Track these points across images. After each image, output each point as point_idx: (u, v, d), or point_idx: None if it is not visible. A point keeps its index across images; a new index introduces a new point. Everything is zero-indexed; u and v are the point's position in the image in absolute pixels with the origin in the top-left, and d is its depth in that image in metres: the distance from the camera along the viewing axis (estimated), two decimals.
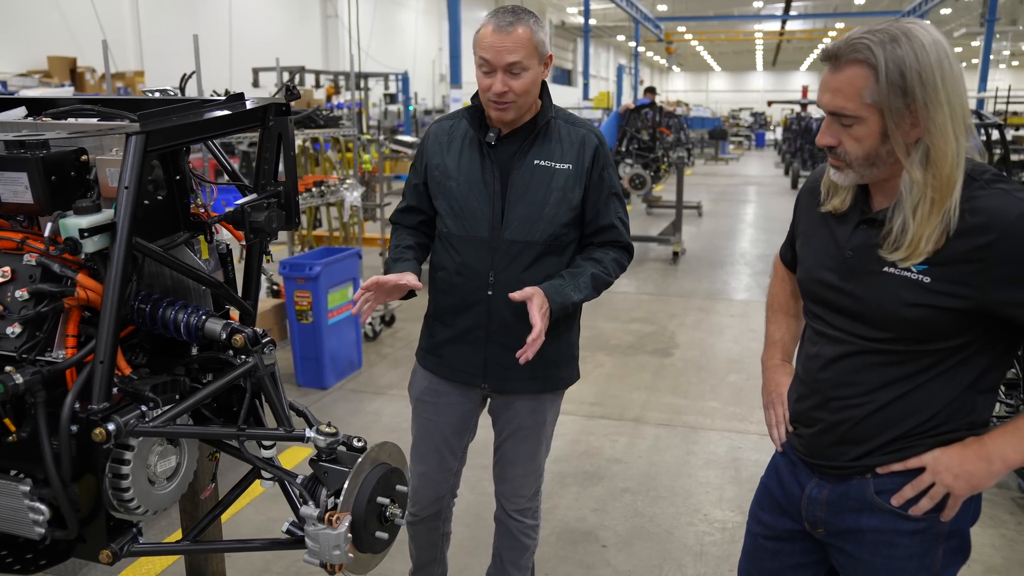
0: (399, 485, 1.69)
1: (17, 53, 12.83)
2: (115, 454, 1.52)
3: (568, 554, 3.08)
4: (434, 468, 2.26)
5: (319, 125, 5.40)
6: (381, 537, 1.63)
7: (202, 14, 16.80)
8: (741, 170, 21.70)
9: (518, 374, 2.10)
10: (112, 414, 1.45)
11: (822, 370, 1.55)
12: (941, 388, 1.44)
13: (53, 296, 1.49)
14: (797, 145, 18.36)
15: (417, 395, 2.24)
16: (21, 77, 12.51)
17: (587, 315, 6.36)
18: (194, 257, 1.71)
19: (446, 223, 2.09)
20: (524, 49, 1.93)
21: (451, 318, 2.11)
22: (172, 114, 1.59)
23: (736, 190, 16.56)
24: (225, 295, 1.75)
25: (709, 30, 36.63)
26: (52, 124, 1.71)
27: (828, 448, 1.55)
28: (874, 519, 1.50)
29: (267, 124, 1.73)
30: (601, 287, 2.09)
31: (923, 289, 1.38)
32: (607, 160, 2.09)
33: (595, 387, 4.97)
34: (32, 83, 12.28)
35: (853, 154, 1.42)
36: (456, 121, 2.12)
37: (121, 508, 1.56)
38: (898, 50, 1.33)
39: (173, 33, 15.96)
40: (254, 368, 1.63)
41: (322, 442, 1.64)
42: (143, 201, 1.57)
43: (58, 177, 1.56)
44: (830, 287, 1.53)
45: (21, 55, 12.82)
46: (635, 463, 3.89)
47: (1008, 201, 1.33)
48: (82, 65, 13.46)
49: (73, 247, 1.46)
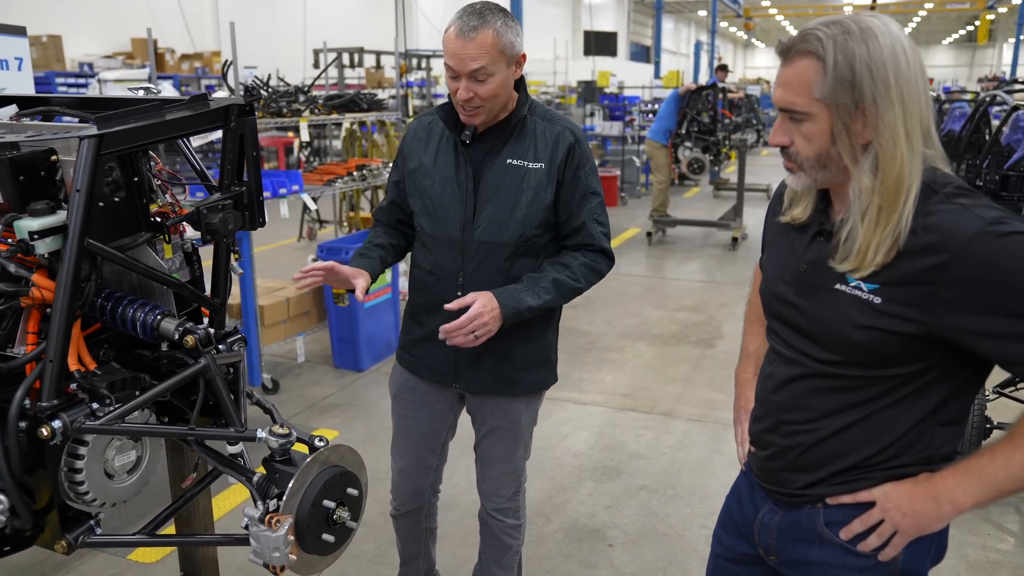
0: (350, 488, 1.68)
1: (104, 36, 13.37)
2: (70, 448, 1.57)
3: (572, 552, 3.05)
4: (412, 464, 2.26)
5: (362, 108, 5.44)
6: (327, 540, 1.63)
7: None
8: None
9: (488, 376, 2.07)
10: (60, 412, 1.49)
11: (775, 391, 1.47)
12: (895, 418, 1.34)
13: (8, 295, 1.53)
14: None
15: (395, 392, 2.24)
16: (106, 59, 13.07)
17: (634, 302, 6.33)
18: (155, 257, 1.74)
19: (420, 221, 2.07)
20: (488, 55, 1.86)
21: (424, 317, 2.10)
22: (130, 116, 1.61)
23: None
24: (188, 293, 1.78)
25: (795, 4, 35.24)
26: (25, 125, 1.76)
27: (779, 473, 1.47)
28: (823, 552, 1.42)
29: (229, 124, 1.74)
30: (567, 293, 2.01)
31: (873, 310, 1.28)
32: (583, 158, 2.01)
33: (630, 378, 4.90)
34: (116, 64, 12.81)
35: (804, 154, 1.33)
36: (435, 118, 2.09)
37: (78, 500, 1.61)
38: (850, 43, 1.24)
39: (249, 15, 16.37)
40: (205, 368, 1.64)
41: (273, 443, 1.65)
42: (97, 203, 1.60)
43: (26, 177, 1.60)
44: (785, 302, 1.44)
45: (107, 38, 13.36)
46: (658, 460, 3.82)
47: (965, 219, 1.22)
48: (163, 47, 13.93)
49: (24, 248, 1.50)
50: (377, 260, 2.07)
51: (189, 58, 14.22)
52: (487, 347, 2.00)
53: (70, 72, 12.28)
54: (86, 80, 11.71)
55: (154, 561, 2.92)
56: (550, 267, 2.03)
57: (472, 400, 2.18)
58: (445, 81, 1.97)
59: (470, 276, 2.01)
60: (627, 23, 35.04)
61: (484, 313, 1.89)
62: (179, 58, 14.16)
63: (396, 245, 2.17)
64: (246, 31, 16.61)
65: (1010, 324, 1.19)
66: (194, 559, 2.32)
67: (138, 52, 13.61)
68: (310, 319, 5.04)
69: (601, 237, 2.06)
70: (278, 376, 4.80)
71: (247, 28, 16.15)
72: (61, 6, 12.87)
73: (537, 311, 1.99)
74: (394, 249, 2.16)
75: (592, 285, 2.07)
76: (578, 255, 2.05)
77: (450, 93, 1.96)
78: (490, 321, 1.90)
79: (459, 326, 1.88)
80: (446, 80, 1.94)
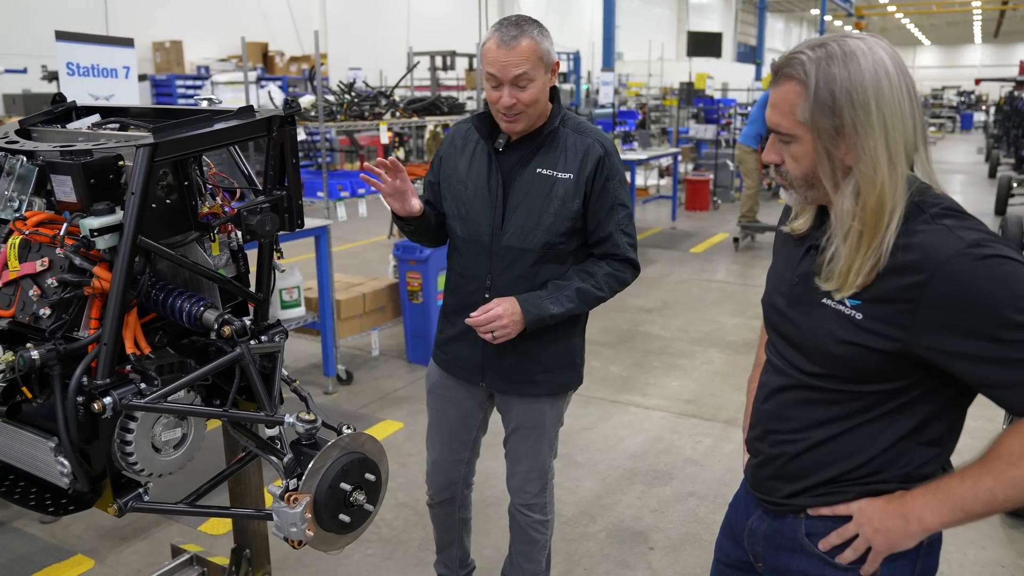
0: (368, 474, 1.81)
1: (218, 40, 14.18)
2: (122, 423, 1.76)
3: (611, 552, 3.09)
4: (444, 457, 2.37)
5: (443, 112, 5.62)
6: (344, 520, 1.76)
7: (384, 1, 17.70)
8: (937, 155, 19.85)
9: (512, 375, 2.16)
10: (111, 389, 1.68)
11: (765, 400, 1.50)
12: (875, 434, 1.34)
13: (74, 285, 1.73)
14: (1006, 129, 16.48)
15: (429, 387, 2.37)
16: (221, 62, 13.87)
17: (711, 309, 6.32)
18: (203, 254, 1.92)
19: (453, 225, 2.18)
20: (529, 61, 1.97)
21: (455, 317, 2.21)
22: (183, 126, 1.79)
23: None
24: (232, 288, 1.94)
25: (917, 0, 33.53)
26: (99, 134, 1.97)
27: (766, 481, 1.50)
28: (803, 561, 1.44)
29: (272, 134, 1.90)
30: (591, 301, 2.09)
31: (854, 326, 1.30)
32: (612, 171, 2.08)
33: (696, 384, 4.87)
34: (229, 67, 13.58)
35: (793, 173, 1.36)
36: (472, 126, 2.20)
37: (128, 470, 1.80)
38: (832, 67, 1.26)
39: (355, 19, 17.00)
40: (239, 356, 1.80)
41: (300, 428, 1.79)
42: (150, 204, 1.78)
43: (97, 180, 1.80)
44: (780, 313, 1.47)
45: (222, 42, 14.16)
46: (712, 467, 3.80)
47: (946, 240, 1.22)
48: (273, 49, 14.65)
49: (87, 243, 1.69)
50: (428, 211, 2.21)
51: (297, 60, 14.88)
52: (512, 348, 2.10)
53: (189, 75, 13.11)
54: (202, 82, 12.47)
55: (220, 534, 3.16)
56: (575, 275, 2.11)
57: (500, 398, 2.28)
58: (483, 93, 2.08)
59: (497, 279, 2.11)
60: (734, 23, 34.23)
61: (504, 316, 2.00)
62: (288, 60, 14.87)
63: (437, 214, 2.27)
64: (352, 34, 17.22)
65: (984, 347, 1.19)
66: (246, 533, 2.51)
67: (250, 55, 14.38)
68: (385, 314, 5.25)
69: (627, 247, 2.12)
70: (353, 368, 5.03)
71: (353, 31, 16.83)
72: (185, 13, 13.75)
73: (559, 318, 2.08)
74: (436, 217, 2.26)
75: (616, 294, 2.14)
76: (604, 264, 2.12)
77: (490, 103, 2.06)
78: (509, 324, 2.01)
79: (479, 324, 2.01)
80: (486, 91, 2.05)
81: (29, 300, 1.76)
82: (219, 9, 14.47)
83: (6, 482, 1.96)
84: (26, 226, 1.79)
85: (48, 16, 10.68)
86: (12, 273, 1.78)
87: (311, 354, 5.27)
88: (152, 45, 12.97)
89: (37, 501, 1.90)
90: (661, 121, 18.35)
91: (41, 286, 1.77)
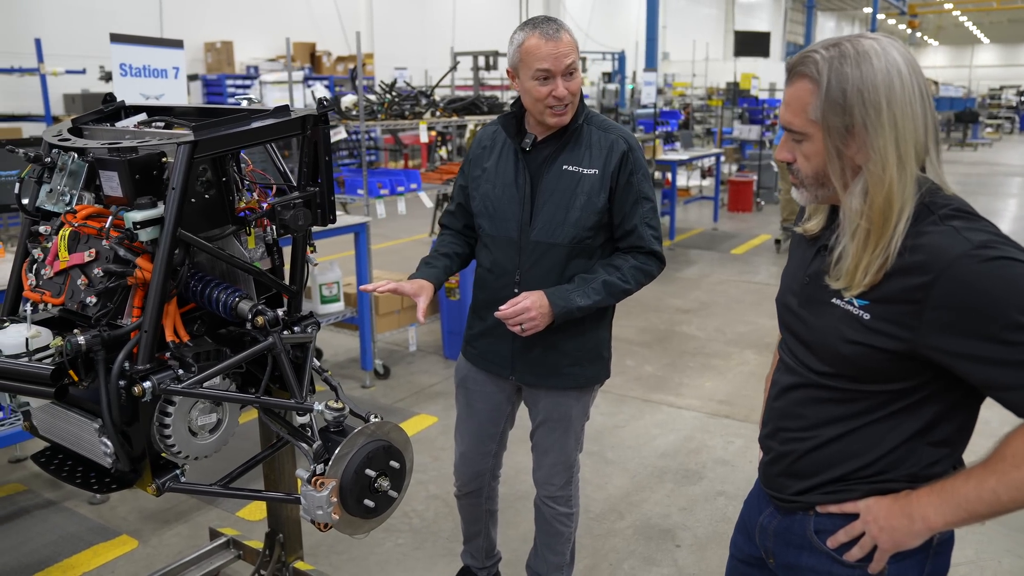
0: (393, 462, 1.87)
1: (268, 41, 14.47)
2: (161, 407, 1.85)
3: (637, 548, 3.12)
4: (472, 449, 2.43)
5: (482, 111, 5.68)
6: (368, 505, 1.83)
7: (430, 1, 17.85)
8: (992, 157, 19.37)
9: (540, 369, 2.21)
10: (150, 374, 1.77)
11: (776, 398, 1.52)
12: (883, 434, 1.36)
13: (118, 275, 1.83)
14: None
15: (458, 381, 2.42)
16: (270, 62, 14.16)
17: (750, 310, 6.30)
18: (239, 247, 2.00)
19: (482, 223, 2.23)
20: (574, 51, 2.06)
21: (484, 312, 2.26)
22: (221, 125, 1.87)
23: (975, 180, 14.84)
24: (267, 280, 2.02)
25: None
26: (144, 132, 2.07)
27: (776, 478, 1.52)
28: (812, 558, 1.46)
29: (306, 132, 1.97)
30: (617, 294, 2.13)
31: (862, 326, 1.32)
32: (636, 165, 2.11)
33: (730, 385, 4.86)
34: (278, 67, 13.85)
35: (804, 172, 1.38)
36: (498, 128, 2.25)
37: (167, 451, 1.89)
38: (844, 66, 1.27)
39: (401, 20, 17.20)
40: (271, 345, 1.88)
41: (328, 415, 1.86)
42: (190, 199, 1.86)
43: (142, 176, 1.90)
44: (792, 312, 1.49)
45: (271, 43, 14.44)
46: (743, 467, 3.80)
47: (953, 241, 1.23)
48: (320, 50, 14.89)
49: (130, 236, 1.78)
50: (442, 269, 2.25)
51: (344, 60, 15.11)
52: (540, 341, 2.14)
53: (239, 75, 13.42)
54: (251, 81, 12.76)
55: (257, 520, 3.26)
56: (602, 269, 2.15)
57: (527, 392, 2.33)
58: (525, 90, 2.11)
59: (526, 274, 2.16)
60: (783, 22, 33.75)
61: (532, 308, 2.04)
62: (335, 60, 15.11)
63: (461, 254, 2.33)
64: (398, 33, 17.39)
65: (989, 348, 1.19)
66: (279, 518, 2.60)
67: (298, 55, 14.65)
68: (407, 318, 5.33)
69: (652, 240, 2.15)
70: (391, 363, 5.12)
71: (399, 31, 17.00)
72: (235, 14, 14.08)
73: (587, 311, 2.12)
74: (459, 258, 2.32)
75: (642, 286, 2.17)
76: (629, 257, 2.16)
77: (538, 99, 2.06)
78: (537, 317, 2.05)
79: (508, 316, 2.06)
80: (530, 89, 2.06)
81: (77, 289, 1.86)
82: (269, 10, 14.76)
83: (55, 460, 2.07)
84: (76, 219, 1.89)
85: (106, 18, 11.03)
86: (63, 263, 1.89)
87: (350, 348, 5.38)
88: (204, 46, 13.31)
89: (83, 479, 2.00)
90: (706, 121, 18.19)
91: (88, 275, 1.87)
